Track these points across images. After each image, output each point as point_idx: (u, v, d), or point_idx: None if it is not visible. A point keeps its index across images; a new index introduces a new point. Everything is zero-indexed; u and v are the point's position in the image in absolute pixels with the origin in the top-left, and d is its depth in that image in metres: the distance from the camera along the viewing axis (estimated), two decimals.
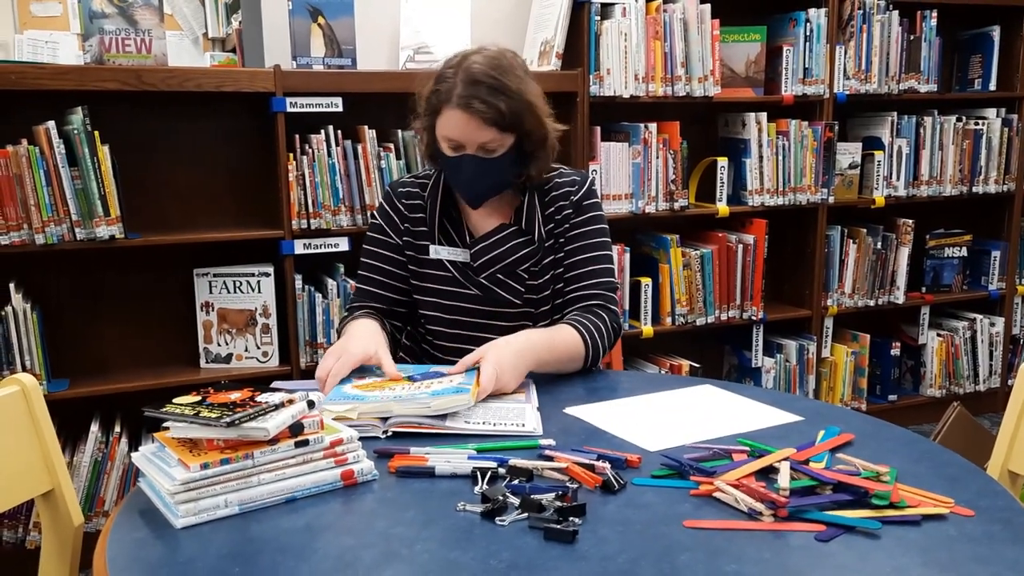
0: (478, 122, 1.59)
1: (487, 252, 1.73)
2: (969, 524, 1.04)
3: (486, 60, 1.62)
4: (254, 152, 2.65)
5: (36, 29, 3.64)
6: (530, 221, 1.73)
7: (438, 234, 1.74)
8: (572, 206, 1.75)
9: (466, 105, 1.58)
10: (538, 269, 1.74)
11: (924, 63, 3.27)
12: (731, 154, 3.09)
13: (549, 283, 1.75)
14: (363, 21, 2.66)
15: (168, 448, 1.11)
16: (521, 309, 1.73)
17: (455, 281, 1.73)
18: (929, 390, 3.55)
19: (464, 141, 1.62)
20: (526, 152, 1.68)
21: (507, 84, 1.60)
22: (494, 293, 1.73)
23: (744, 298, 3.11)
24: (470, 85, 1.58)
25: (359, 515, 1.09)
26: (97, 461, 2.42)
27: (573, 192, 1.76)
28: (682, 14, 2.87)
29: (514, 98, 1.60)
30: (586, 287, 1.72)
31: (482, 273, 1.73)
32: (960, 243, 3.56)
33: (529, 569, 0.94)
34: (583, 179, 1.79)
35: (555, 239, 1.75)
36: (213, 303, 2.58)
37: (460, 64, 1.62)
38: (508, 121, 1.60)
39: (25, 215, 2.25)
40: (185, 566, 0.96)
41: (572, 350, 1.61)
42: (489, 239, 1.74)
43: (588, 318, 1.66)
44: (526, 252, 1.73)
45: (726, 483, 1.10)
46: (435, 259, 1.74)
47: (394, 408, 1.34)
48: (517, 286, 1.73)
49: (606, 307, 1.71)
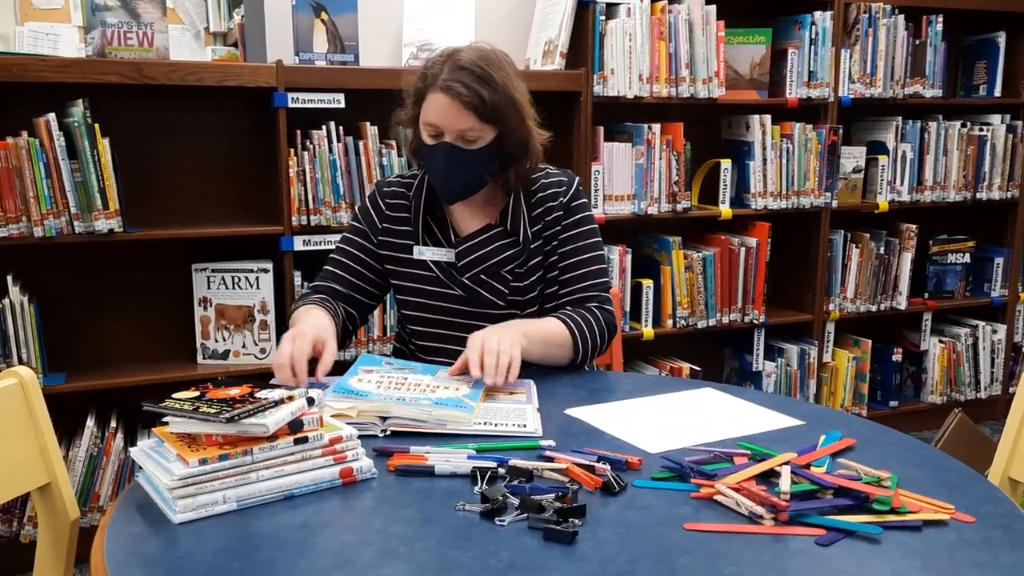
0: (459, 107, 1.58)
1: (471, 252, 1.72)
2: (969, 530, 1.03)
3: (475, 52, 1.62)
4: (255, 147, 2.64)
5: (38, 21, 3.64)
6: (515, 222, 1.72)
7: (422, 234, 1.73)
8: (561, 208, 1.74)
9: (448, 88, 1.58)
10: (523, 271, 1.72)
11: (929, 68, 3.27)
12: (734, 156, 3.08)
13: (534, 285, 1.73)
14: (366, 17, 2.65)
15: (167, 443, 1.11)
16: (505, 311, 1.71)
17: (438, 281, 1.72)
18: (930, 397, 3.54)
19: (444, 126, 1.61)
20: (506, 152, 1.66)
21: (492, 75, 1.60)
22: (477, 294, 1.71)
23: (746, 301, 3.10)
24: (455, 71, 1.59)
25: (358, 513, 1.08)
26: (92, 456, 2.41)
27: (561, 194, 1.75)
28: (687, 15, 2.87)
29: (498, 91, 1.60)
30: (580, 288, 1.73)
31: (466, 273, 1.72)
32: (963, 249, 3.56)
33: (528, 569, 0.93)
34: (570, 180, 1.78)
35: (542, 240, 1.74)
36: (211, 299, 2.58)
37: (449, 55, 1.63)
38: (489, 112, 1.59)
39: (24, 207, 2.24)
40: (183, 561, 0.95)
41: (558, 335, 1.63)
42: (474, 239, 1.72)
43: (578, 312, 1.68)
44: (511, 253, 1.72)
45: (727, 486, 1.10)
46: (419, 259, 1.73)
47: (394, 410, 1.33)
48: (500, 287, 1.72)
49: (600, 305, 1.72)
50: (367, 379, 1.44)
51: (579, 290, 1.73)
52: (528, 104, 1.67)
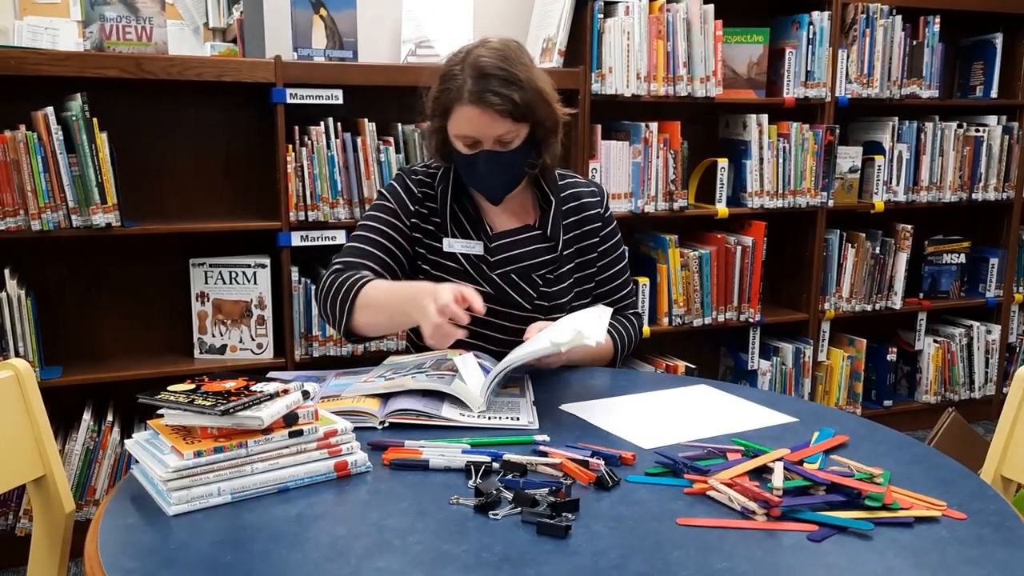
0: (492, 115, 1.57)
1: (506, 249, 1.71)
2: (961, 527, 1.04)
3: (492, 52, 1.59)
4: (253, 143, 2.64)
5: (36, 15, 3.63)
6: (555, 228, 1.73)
7: (451, 226, 1.71)
8: (599, 219, 1.79)
9: (479, 99, 1.56)
10: (553, 277, 1.72)
11: (926, 69, 3.27)
12: (731, 155, 3.08)
13: (562, 292, 1.73)
14: (365, 13, 2.65)
15: (162, 435, 1.11)
16: (529, 314, 1.69)
17: (466, 275, 1.70)
18: (924, 396, 3.55)
19: (480, 136, 1.60)
20: (539, 140, 1.67)
21: (517, 74, 1.58)
22: (505, 292, 1.70)
23: (741, 300, 3.11)
24: (481, 79, 1.56)
25: (352, 506, 1.08)
26: (89, 449, 2.42)
27: (597, 204, 1.80)
28: (685, 14, 2.87)
29: (525, 88, 1.58)
30: (618, 299, 1.83)
31: (496, 269, 1.70)
32: (958, 250, 3.56)
33: (521, 563, 0.93)
34: (600, 190, 1.84)
35: (575, 250, 1.75)
36: (208, 293, 2.58)
37: (466, 59, 1.60)
38: (522, 111, 1.59)
39: (22, 201, 2.24)
40: (177, 552, 0.95)
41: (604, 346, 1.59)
42: (510, 236, 1.72)
43: (620, 321, 1.79)
44: (546, 258, 1.72)
45: (720, 482, 1.10)
46: (447, 252, 1.71)
47: (408, 383, 1.39)
48: (529, 289, 1.71)
49: (635, 312, 1.86)
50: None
51: (617, 300, 1.83)
52: (551, 87, 1.66)
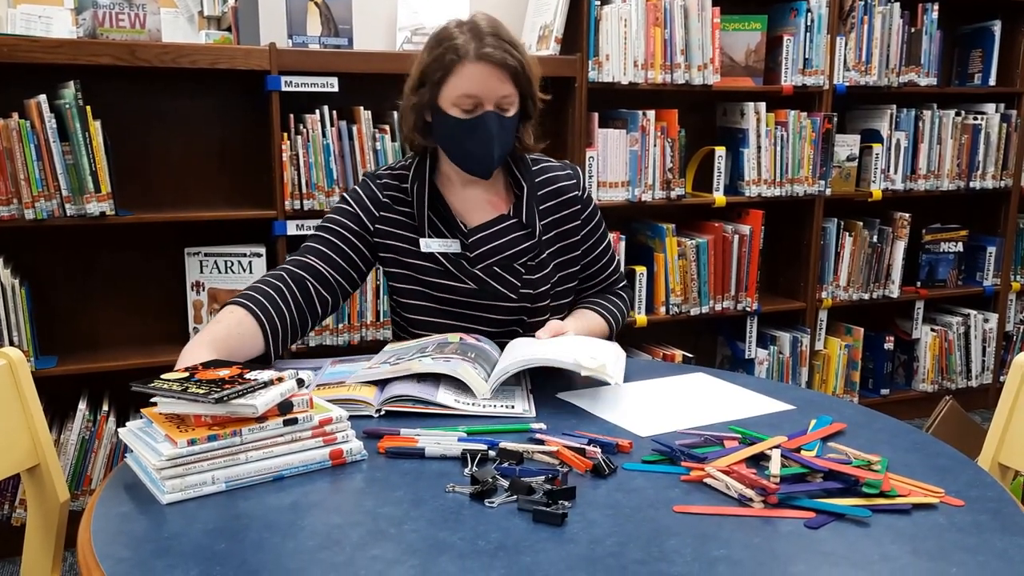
0: (500, 74, 1.55)
1: (484, 243, 1.66)
2: (958, 514, 1.03)
3: (487, 18, 1.60)
4: (248, 131, 2.63)
5: (30, 3, 3.61)
6: (530, 214, 1.69)
7: (427, 226, 1.66)
8: (578, 201, 1.76)
9: (487, 56, 1.54)
10: (535, 263, 1.68)
11: (924, 56, 3.26)
12: (729, 144, 3.07)
13: (546, 278, 1.70)
14: (360, 1, 2.64)
15: (155, 424, 1.10)
16: (515, 304, 1.67)
17: (447, 274, 1.65)
18: (921, 385, 3.56)
19: (485, 96, 1.56)
20: (524, 117, 1.66)
21: (515, 40, 1.59)
22: (488, 285, 1.66)
23: (739, 289, 3.10)
24: (487, 37, 1.55)
25: (347, 494, 1.08)
26: (84, 439, 2.41)
27: (573, 187, 1.76)
28: (683, 1, 2.85)
29: (523, 55, 1.59)
30: (607, 276, 1.85)
31: (477, 264, 1.66)
32: (956, 238, 3.56)
33: (517, 550, 0.93)
34: (575, 171, 1.80)
35: (554, 234, 1.72)
36: (204, 283, 2.57)
37: (463, 25, 1.59)
38: (523, 76, 1.58)
39: (15, 189, 2.23)
40: (170, 541, 0.95)
41: (603, 332, 1.76)
42: (487, 229, 1.67)
43: (608, 299, 1.82)
44: (525, 246, 1.68)
45: (717, 469, 1.10)
46: (424, 252, 1.65)
47: (415, 367, 1.38)
48: (513, 279, 1.67)
49: (623, 286, 1.89)
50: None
51: (606, 277, 1.85)
52: (537, 68, 1.65)
